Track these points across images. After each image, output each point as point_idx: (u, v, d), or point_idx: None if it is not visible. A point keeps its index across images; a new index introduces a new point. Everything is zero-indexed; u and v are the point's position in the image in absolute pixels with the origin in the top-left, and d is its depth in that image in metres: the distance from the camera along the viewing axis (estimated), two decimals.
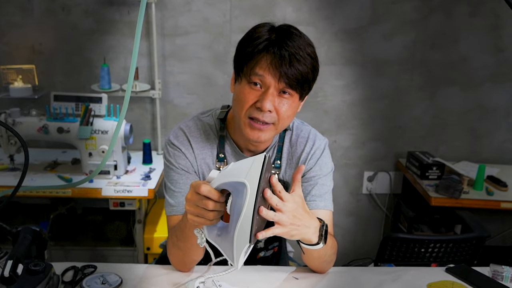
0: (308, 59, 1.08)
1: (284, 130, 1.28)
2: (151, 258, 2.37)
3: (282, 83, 1.07)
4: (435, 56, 2.67)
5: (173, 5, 2.51)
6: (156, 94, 2.56)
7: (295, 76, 1.07)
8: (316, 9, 2.56)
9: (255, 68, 1.08)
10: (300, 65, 1.07)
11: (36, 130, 2.16)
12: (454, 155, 2.78)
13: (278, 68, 1.06)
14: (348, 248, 2.94)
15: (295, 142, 1.28)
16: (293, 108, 1.14)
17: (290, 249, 1.59)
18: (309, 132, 1.30)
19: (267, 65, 1.07)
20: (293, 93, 1.11)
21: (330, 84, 2.69)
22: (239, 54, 1.13)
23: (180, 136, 1.24)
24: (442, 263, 1.77)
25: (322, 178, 1.27)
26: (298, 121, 1.32)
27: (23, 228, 1.11)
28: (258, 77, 1.08)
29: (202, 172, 1.25)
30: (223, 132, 1.25)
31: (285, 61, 1.05)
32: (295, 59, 1.06)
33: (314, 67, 1.10)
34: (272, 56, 1.06)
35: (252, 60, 1.08)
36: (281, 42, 1.07)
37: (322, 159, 1.27)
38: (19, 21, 2.51)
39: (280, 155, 1.27)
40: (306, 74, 1.09)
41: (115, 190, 2.14)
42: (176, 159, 1.23)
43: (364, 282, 1.23)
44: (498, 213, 2.66)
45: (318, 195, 1.25)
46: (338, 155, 2.80)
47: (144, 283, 1.17)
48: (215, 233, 0.98)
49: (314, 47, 1.12)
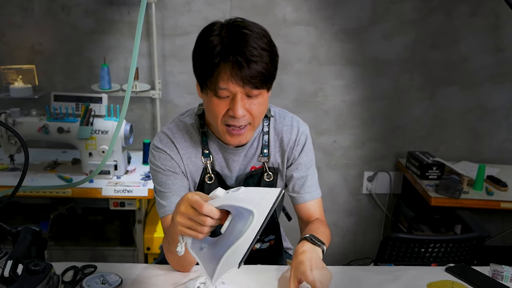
0: (264, 55, 1.07)
1: (267, 118, 1.30)
2: (151, 258, 2.37)
3: (247, 87, 1.08)
4: (435, 56, 2.67)
5: (173, 5, 2.51)
6: (156, 94, 2.56)
7: (258, 78, 1.07)
8: (316, 9, 2.56)
9: (218, 83, 1.08)
10: (258, 65, 1.06)
11: (36, 130, 2.16)
12: (454, 155, 2.78)
13: (240, 76, 1.06)
14: (348, 248, 2.94)
15: (281, 130, 1.31)
16: (264, 102, 1.16)
17: (290, 246, 1.59)
18: (291, 119, 1.33)
19: (228, 76, 1.07)
20: (261, 91, 1.12)
21: (330, 84, 2.69)
22: (197, 68, 1.13)
23: (164, 139, 1.26)
24: (442, 263, 1.77)
25: (311, 168, 1.34)
26: (279, 109, 1.35)
27: (23, 228, 1.11)
28: (223, 90, 1.09)
29: (190, 171, 1.27)
30: (204, 128, 1.27)
31: (244, 67, 1.05)
32: (253, 62, 1.06)
33: (272, 58, 1.10)
34: (230, 65, 1.06)
35: (212, 75, 1.09)
36: (235, 47, 1.06)
37: (307, 145, 1.32)
38: (19, 21, 2.51)
39: (268, 143, 1.30)
40: (268, 70, 1.09)
41: (115, 190, 2.14)
42: (162, 162, 1.24)
43: (364, 282, 1.23)
44: (498, 213, 2.66)
45: (311, 185, 1.34)
46: (338, 155, 2.80)
47: (144, 283, 1.17)
48: (198, 246, 0.97)
49: (267, 34, 1.11)
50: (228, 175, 1.31)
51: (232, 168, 1.29)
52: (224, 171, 1.30)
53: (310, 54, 2.63)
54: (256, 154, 1.30)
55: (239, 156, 1.28)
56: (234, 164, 1.29)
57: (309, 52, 2.63)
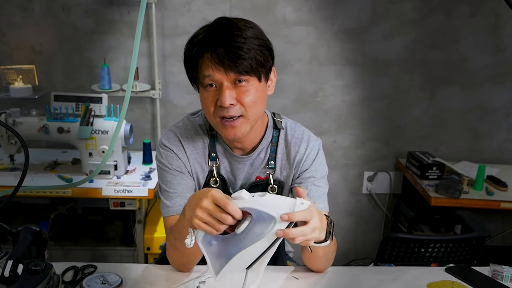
0: (249, 42, 1.06)
1: (277, 129, 1.28)
2: (151, 258, 2.37)
3: (230, 74, 1.07)
4: (435, 56, 2.67)
5: (173, 5, 2.51)
6: (156, 94, 2.56)
7: (241, 63, 1.06)
8: (316, 9, 2.56)
9: (202, 71, 1.09)
10: (241, 50, 1.05)
11: (36, 130, 2.16)
12: (454, 155, 2.78)
13: (221, 62, 1.06)
14: (348, 248, 2.94)
15: (290, 143, 1.27)
16: (256, 92, 1.12)
17: (289, 249, 1.59)
18: (302, 132, 1.29)
19: (209, 63, 1.07)
20: (248, 78, 1.09)
21: (330, 84, 2.69)
22: (185, 63, 1.14)
23: (172, 137, 1.25)
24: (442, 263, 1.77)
25: (318, 180, 1.28)
26: (291, 121, 1.31)
27: (23, 228, 1.11)
28: (208, 78, 1.09)
29: (195, 172, 1.26)
30: (213, 131, 1.26)
31: (223, 53, 1.05)
32: (236, 47, 1.05)
33: (261, 45, 1.09)
34: (209, 53, 1.06)
35: (197, 65, 1.10)
36: (216, 35, 1.07)
37: (317, 160, 1.28)
38: (19, 21, 2.51)
39: (275, 155, 1.27)
40: (252, 57, 1.07)
41: (115, 190, 2.14)
42: (168, 160, 1.23)
43: (364, 282, 1.23)
44: (498, 213, 2.66)
45: (315, 197, 1.27)
46: (338, 155, 2.80)
47: (144, 283, 1.17)
48: (208, 241, 0.97)
49: (256, 27, 1.11)
50: (232, 181, 1.29)
51: (237, 175, 1.28)
52: (229, 177, 1.29)
53: (310, 54, 2.63)
54: (262, 165, 1.27)
55: (245, 164, 1.26)
56: (239, 172, 1.27)
57: (309, 52, 2.62)
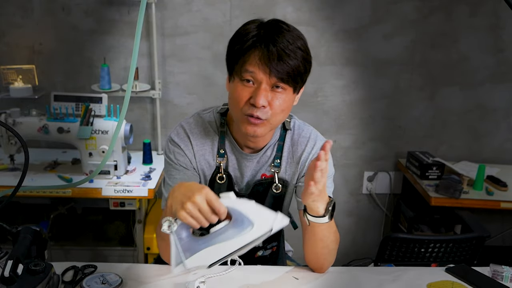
0: (298, 52, 1.08)
1: (284, 129, 1.28)
2: (151, 258, 2.36)
3: (273, 77, 1.08)
4: (435, 56, 2.67)
5: (173, 5, 2.51)
6: (156, 94, 2.56)
7: (286, 70, 1.07)
8: (316, 9, 2.56)
9: (246, 65, 1.09)
10: (290, 59, 1.07)
11: (36, 130, 2.16)
12: (454, 155, 2.78)
13: (268, 63, 1.06)
14: (348, 248, 2.94)
15: (296, 142, 1.28)
16: (287, 102, 1.14)
17: (289, 249, 1.59)
18: (310, 132, 1.29)
19: (257, 61, 1.07)
20: (286, 87, 1.11)
21: (330, 84, 2.69)
22: (229, 53, 1.14)
23: (181, 133, 1.26)
24: (442, 263, 1.77)
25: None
26: (300, 121, 1.32)
27: (23, 228, 1.11)
28: (249, 73, 1.09)
29: (202, 169, 1.27)
30: (224, 128, 1.26)
31: (274, 56, 1.06)
32: (284, 53, 1.06)
33: (305, 59, 1.11)
34: (261, 51, 1.07)
35: (242, 57, 1.10)
36: (270, 37, 1.07)
37: None
38: (19, 21, 2.51)
39: (281, 154, 1.27)
40: (297, 67, 1.09)
41: (115, 190, 2.14)
42: (175, 156, 1.25)
43: (364, 282, 1.23)
44: (498, 213, 2.66)
45: None
46: (338, 155, 2.80)
47: (144, 283, 1.17)
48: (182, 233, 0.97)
49: (305, 40, 1.12)
50: (239, 178, 1.29)
51: (244, 173, 1.28)
52: (236, 174, 1.29)
53: None
54: (268, 162, 1.28)
55: (252, 162, 1.27)
56: (246, 170, 1.28)
57: None
